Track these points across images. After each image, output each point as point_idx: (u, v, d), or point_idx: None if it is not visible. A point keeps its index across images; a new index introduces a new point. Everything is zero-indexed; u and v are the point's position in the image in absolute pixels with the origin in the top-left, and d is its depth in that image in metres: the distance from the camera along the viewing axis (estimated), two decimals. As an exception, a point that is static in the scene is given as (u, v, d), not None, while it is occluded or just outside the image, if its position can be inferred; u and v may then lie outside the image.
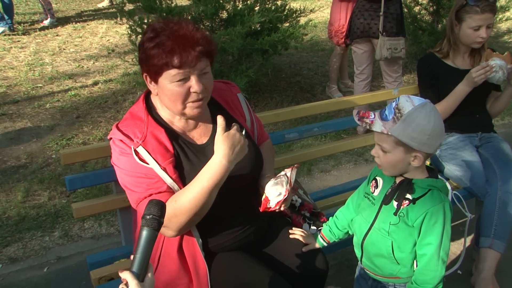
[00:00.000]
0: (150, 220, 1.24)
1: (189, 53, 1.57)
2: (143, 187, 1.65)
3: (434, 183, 1.64)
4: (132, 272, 1.20)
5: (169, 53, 1.57)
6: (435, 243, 1.62)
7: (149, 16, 4.61)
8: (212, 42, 1.66)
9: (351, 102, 3.03)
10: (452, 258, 2.89)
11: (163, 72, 1.61)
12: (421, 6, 6.44)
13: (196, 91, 1.63)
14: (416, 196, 1.64)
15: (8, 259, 2.96)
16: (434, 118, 1.54)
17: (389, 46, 4.07)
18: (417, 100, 1.57)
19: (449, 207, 1.63)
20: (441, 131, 1.57)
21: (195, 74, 1.62)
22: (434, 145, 1.58)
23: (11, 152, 4.13)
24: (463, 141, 2.78)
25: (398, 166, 1.64)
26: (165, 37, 1.59)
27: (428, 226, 1.62)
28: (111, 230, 3.24)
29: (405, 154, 1.60)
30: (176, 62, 1.57)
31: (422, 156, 1.59)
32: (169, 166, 1.67)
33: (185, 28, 1.61)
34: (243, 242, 1.84)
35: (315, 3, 9.49)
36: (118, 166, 1.70)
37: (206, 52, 1.62)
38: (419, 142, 1.55)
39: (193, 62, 1.59)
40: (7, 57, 6.33)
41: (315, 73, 6.16)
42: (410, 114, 1.54)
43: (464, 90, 2.67)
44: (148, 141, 1.67)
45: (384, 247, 1.70)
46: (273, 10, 4.84)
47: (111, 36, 7.44)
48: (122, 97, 5.21)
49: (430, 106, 1.56)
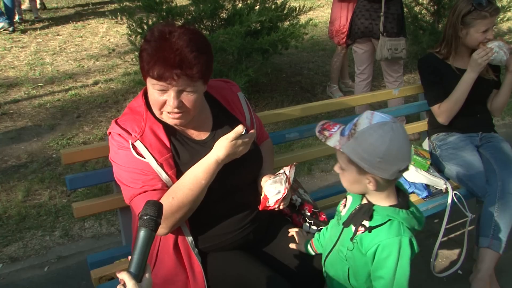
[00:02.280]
0: (147, 220, 1.24)
1: (166, 71, 1.56)
2: (138, 183, 1.66)
3: (394, 213, 1.48)
4: (129, 273, 1.20)
5: (150, 64, 1.57)
6: (386, 278, 1.48)
7: (149, 16, 4.61)
8: (194, 68, 1.58)
9: (351, 102, 3.03)
10: (452, 258, 2.90)
11: (147, 76, 1.62)
12: (421, 6, 6.43)
13: (171, 106, 1.62)
14: (373, 224, 1.51)
15: (8, 258, 2.96)
16: (391, 140, 1.38)
17: (389, 46, 4.06)
18: (379, 118, 1.43)
19: (408, 242, 1.46)
20: (397, 155, 1.40)
21: (173, 90, 1.60)
22: (387, 170, 1.41)
23: (12, 151, 4.13)
24: (464, 140, 2.78)
25: (355, 186, 1.53)
26: (153, 47, 1.58)
27: (379, 258, 1.49)
28: (112, 229, 3.24)
29: (358, 175, 1.47)
30: (154, 74, 1.57)
31: (376, 180, 1.45)
32: (166, 162, 1.67)
33: (175, 43, 1.58)
34: (243, 241, 1.84)
35: (315, 2, 9.48)
36: (115, 162, 1.71)
37: (185, 75, 1.57)
38: (370, 164, 1.41)
39: (169, 80, 1.57)
40: (8, 56, 6.33)
41: (316, 73, 6.16)
42: (363, 132, 1.41)
43: (470, 77, 2.67)
44: (146, 136, 1.67)
45: (341, 272, 1.63)
46: (272, 9, 4.83)
47: (112, 35, 7.44)
48: (123, 97, 5.21)
49: (389, 126, 1.40)
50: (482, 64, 2.62)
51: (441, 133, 2.89)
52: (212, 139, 1.78)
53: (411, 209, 1.53)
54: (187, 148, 1.75)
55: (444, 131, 2.88)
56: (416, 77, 5.85)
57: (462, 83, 2.70)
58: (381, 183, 1.47)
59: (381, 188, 1.49)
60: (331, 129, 1.52)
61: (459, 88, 2.71)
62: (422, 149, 2.82)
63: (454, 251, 2.96)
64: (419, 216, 1.54)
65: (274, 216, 1.94)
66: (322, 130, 1.54)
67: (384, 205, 1.52)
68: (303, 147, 4.25)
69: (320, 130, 1.54)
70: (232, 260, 1.82)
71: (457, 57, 2.81)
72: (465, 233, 2.56)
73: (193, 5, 4.68)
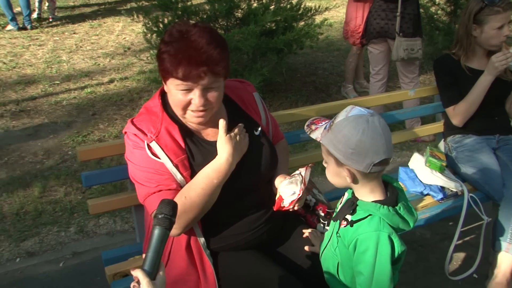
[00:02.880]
0: (162, 219, 1.25)
1: (192, 70, 1.57)
2: (152, 183, 1.67)
3: (375, 209, 1.48)
4: (144, 270, 1.21)
5: (175, 64, 1.57)
6: (365, 274, 1.47)
7: (164, 14, 4.63)
8: (219, 63, 1.61)
9: (366, 102, 3.01)
10: (468, 261, 2.87)
11: (169, 78, 1.62)
12: (437, 6, 6.37)
13: (196, 104, 1.63)
14: (354, 218, 1.52)
15: (25, 253, 3.00)
16: (363, 132, 1.40)
17: (405, 46, 4.03)
18: (357, 111, 1.45)
19: (386, 238, 1.45)
20: (369, 148, 1.40)
21: (198, 89, 1.61)
22: (360, 162, 1.42)
23: (29, 148, 4.18)
24: (481, 143, 2.75)
25: (336, 179, 1.55)
26: (175, 48, 1.59)
27: (358, 252, 1.49)
28: (126, 227, 3.27)
29: (337, 167, 1.50)
30: (180, 74, 1.58)
31: (352, 172, 1.47)
32: (181, 163, 1.68)
33: (197, 42, 1.59)
34: (257, 241, 1.84)
35: (330, 2, 9.44)
36: (130, 161, 1.72)
37: (211, 72, 1.59)
38: (344, 156, 1.43)
39: (195, 79, 1.58)
40: (26, 54, 6.41)
41: (331, 73, 6.13)
42: (338, 124, 1.45)
43: (487, 80, 2.64)
44: (162, 137, 1.68)
45: (332, 266, 1.63)
46: (288, 9, 4.82)
47: (127, 34, 7.50)
48: (138, 95, 5.25)
49: (364, 119, 1.41)
50: (500, 69, 2.59)
51: (457, 135, 2.86)
52: None
53: (398, 207, 1.52)
54: (201, 150, 1.75)
55: (460, 133, 2.85)
56: (432, 78, 5.80)
57: (478, 85, 2.67)
58: (357, 176, 1.48)
59: (359, 181, 1.50)
60: (319, 124, 1.55)
61: (475, 90, 2.68)
62: (438, 151, 2.80)
63: (469, 255, 2.93)
64: (405, 215, 1.51)
65: (289, 217, 1.93)
66: (311, 124, 1.56)
67: (368, 200, 1.52)
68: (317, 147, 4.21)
69: (309, 124, 1.57)
70: (245, 259, 1.82)
71: (472, 57, 2.78)
72: (481, 236, 2.53)
73: (209, 4, 4.70)
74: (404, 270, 2.87)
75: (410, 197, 2.65)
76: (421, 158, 2.75)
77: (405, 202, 1.56)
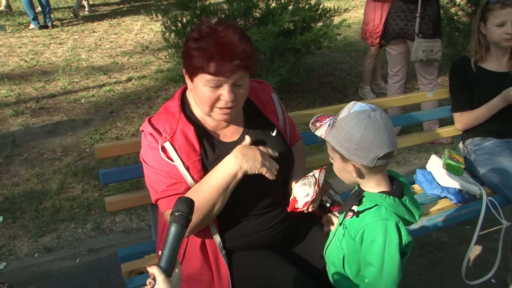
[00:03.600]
0: (179, 217, 1.26)
1: (225, 64, 1.58)
2: (162, 186, 1.69)
3: (381, 199, 1.49)
4: (160, 267, 1.22)
5: (207, 59, 1.58)
6: (375, 265, 1.47)
7: (183, 13, 4.66)
8: (252, 57, 1.64)
9: (384, 103, 2.99)
10: (485, 266, 2.83)
11: (198, 74, 1.63)
12: (458, 7, 6.29)
13: (226, 100, 1.64)
14: (361, 209, 1.53)
15: (43, 248, 3.05)
16: (366, 128, 1.42)
17: (425, 48, 3.99)
18: (359, 107, 1.47)
19: (394, 227, 1.46)
20: (372, 142, 1.42)
21: (228, 84, 1.62)
22: (364, 157, 1.44)
23: (48, 144, 4.24)
24: (500, 146, 2.71)
25: (343, 174, 1.57)
26: (207, 43, 1.60)
27: (366, 242, 1.49)
28: (142, 224, 3.30)
29: (342, 163, 1.52)
30: (211, 69, 1.58)
31: (357, 167, 1.49)
32: (193, 165, 1.68)
33: (229, 37, 1.61)
34: (272, 241, 1.84)
35: (349, 3, 9.39)
36: (144, 161, 1.74)
37: (243, 66, 1.62)
38: (348, 151, 1.45)
39: (228, 73, 1.59)
40: (46, 52, 6.50)
41: (348, 74, 6.10)
42: (341, 120, 1.47)
43: (497, 106, 2.66)
44: (176, 138, 1.69)
45: (337, 260, 1.64)
46: (306, 9, 4.81)
47: (146, 33, 7.56)
48: (155, 94, 5.29)
49: (366, 114, 1.43)
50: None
51: (476, 138, 2.82)
52: (243, 140, 1.79)
53: (404, 199, 1.53)
54: (216, 151, 1.75)
55: (479, 135, 2.81)
56: (451, 80, 5.73)
57: (487, 106, 2.68)
58: (363, 171, 1.50)
59: (365, 176, 1.52)
60: (323, 121, 1.56)
61: (483, 110, 2.70)
62: (456, 154, 2.76)
63: (487, 259, 2.88)
64: (411, 207, 1.53)
65: (304, 217, 1.93)
66: (315, 121, 1.58)
67: (375, 191, 1.54)
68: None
69: (313, 122, 1.58)
70: (259, 259, 1.82)
71: (487, 57, 2.75)
72: (500, 241, 2.49)
73: (227, 4, 4.71)
74: (420, 273, 2.85)
75: (427, 199, 2.62)
76: (439, 160, 2.72)
77: (410, 195, 1.58)
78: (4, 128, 4.48)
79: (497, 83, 2.68)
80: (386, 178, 1.55)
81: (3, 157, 4.02)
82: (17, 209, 3.40)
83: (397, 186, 1.56)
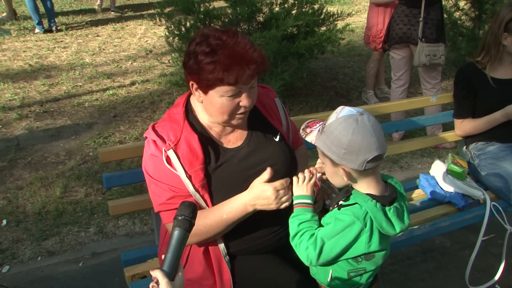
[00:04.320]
0: (182, 221, 1.26)
1: (245, 71, 1.58)
2: (162, 200, 1.70)
3: (364, 200, 1.52)
4: (163, 271, 1.22)
5: (226, 71, 1.57)
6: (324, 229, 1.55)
7: (186, 18, 4.67)
8: (266, 61, 1.66)
9: (387, 108, 3.00)
10: (489, 271, 2.81)
11: (216, 86, 1.62)
12: (461, 12, 6.29)
13: (245, 106, 1.66)
14: (344, 203, 1.57)
15: (46, 252, 3.05)
16: (354, 132, 1.44)
17: (428, 52, 3.99)
18: (347, 111, 1.49)
19: (357, 230, 1.50)
20: (361, 146, 1.44)
21: (246, 90, 1.64)
22: (354, 160, 1.46)
23: (51, 148, 4.26)
24: (504, 151, 2.70)
25: (334, 178, 1.59)
26: (223, 55, 1.58)
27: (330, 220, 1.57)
28: (145, 228, 3.30)
29: (333, 167, 1.55)
30: (232, 80, 1.58)
31: (347, 171, 1.51)
32: (195, 174, 1.68)
33: (242, 44, 1.61)
34: (276, 245, 1.84)
35: (353, 8, 9.41)
36: (145, 171, 1.74)
37: (260, 70, 1.63)
38: (337, 156, 1.48)
39: (248, 80, 1.60)
40: (51, 56, 6.53)
41: (351, 78, 6.10)
42: (329, 125, 1.50)
43: (499, 120, 2.67)
44: (180, 146, 1.69)
45: None
46: (309, 13, 4.82)
47: (149, 37, 7.58)
48: (159, 98, 5.30)
49: (354, 119, 1.46)
50: None
51: (480, 142, 2.82)
52: (246, 145, 1.80)
53: (389, 208, 1.53)
54: (220, 158, 1.75)
55: (483, 140, 2.80)
56: (454, 84, 5.72)
57: (488, 119, 2.70)
58: (353, 174, 1.53)
59: (356, 179, 1.54)
60: (313, 126, 1.59)
61: (484, 121, 2.72)
62: (460, 158, 2.76)
63: (491, 265, 2.87)
64: (392, 218, 1.53)
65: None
66: (306, 127, 1.61)
67: (363, 191, 1.56)
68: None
69: (304, 128, 1.61)
70: (263, 263, 1.82)
71: (498, 66, 2.73)
72: (504, 246, 2.48)
73: (231, 8, 4.72)
74: (423, 278, 2.84)
75: (431, 204, 2.62)
76: (443, 165, 2.72)
77: (400, 207, 1.57)
78: (8, 132, 4.49)
79: (502, 91, 2.67)
80: (378, 182, 1.57)
81: (7, 160, 4.04)
82: (20, 212, 3.41)
83: (389, 194, 1.57)
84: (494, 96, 2.67)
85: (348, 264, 1.60)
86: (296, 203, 1.65)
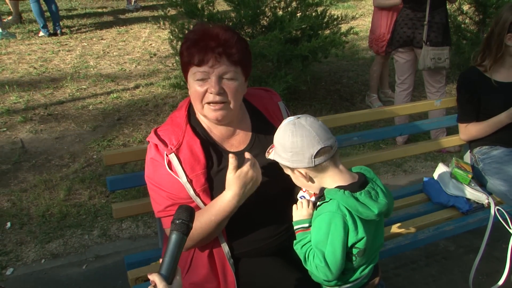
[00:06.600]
0: (179, 224, 1.27)
1: (207, 52, 1.61)
2: (161, 207, 1.71)
3: (334, 193, 1.55)
4: (160, 275, 1.23)
5: (191, 50, 1.63)
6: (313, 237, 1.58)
7: (190, 21, 4.68)
8: (235, 47, 1.64)
9: (391, 112, 2.99)
10: (493, 276, 2.80)
11: (189, 69, 1.67)
12: (465, 15, 6.29)
13: (212, 92, 1.64)
14: (320, 203, 1.60)
15: (50, 254, 3.05)
16: (293, 134, 1.55)
17: (432, 56, 3.98)
18: (287, 120, 1.61)
19: (341, 221, 1.51)
20: (302, 145, 1.54)
21: (214, 75, 1.63)
22: (302, 159, 1.55)
23: (55, 151, 4.27)
24: (509, 155, 2.69)
25: (299, 182, 1.67)
26: (193, 38, 1.65)
27: (313, 231, 1.59)
28: (148, 231, 3.30)
29: (292, 173, 1.64)
30: (196, 59, 1.62)
31: (303, 172, 1.59)
32: (196, 178, 1.68)
33: (216, 30, 1.65)
34: (279, 247, 1.84)
35: (357, 11, 9.41)
36: (147, 174, 1.75)
37: (226, 55, 1.62)
38: (288, 160, 1.58)
39: (211, 62, 1.62)
40: (55, 59, 6.56)
41: (355, 82, 6.10)
42: (275, 137, 1.63)
43: (503, 121, 2.65)
44: (182, 150, 1.69)
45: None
46: (313, 16, 4.82)
47: (154, 40, 7.61)
48: (162, 101, 5.31)
49: (292, 123, 1.57)
50: None
51: (484, 146, 2.81)
52: (250, 149, 1.79)
53: (360, 193, 1.55)
54: (223, 162, 1.75)
55: (487, 144, 2.79)
56: (458, 88, 5.71)
57: (493, 121, 2.68)
58: (310, 174, 1.60)
59: (315, 177, 1.61)
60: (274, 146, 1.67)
61: (489, 124, 2.70)
62: (464, 162, 2.75)
63: (495, 269, 2.85)
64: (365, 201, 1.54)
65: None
66: (269, 148, 1.69)
67: (331, 186, 1.60)
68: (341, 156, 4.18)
69: (268, 150, 1.69)
70: (266, 266, 1.82)
71: (500, 68, 2.72)
72: (508, 250, 2.47)
73: (234, 11, 4.73)
74: (427, 282, 2.83)
75: (434, 208, 2.61)
76: (447, 169, 2.71)
77: (372, 190, 1.59)
78: (13, 135, 4.51)
79: (505, 94, 2.67)
80: (342, 173, 1.61)
81: (11, 163, 4.05)
82: (24, 215, 3.42)
83: (357, 181, 1.61)
84: (498, 99, 2.67)
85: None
86: (296, 229, 1.69)
